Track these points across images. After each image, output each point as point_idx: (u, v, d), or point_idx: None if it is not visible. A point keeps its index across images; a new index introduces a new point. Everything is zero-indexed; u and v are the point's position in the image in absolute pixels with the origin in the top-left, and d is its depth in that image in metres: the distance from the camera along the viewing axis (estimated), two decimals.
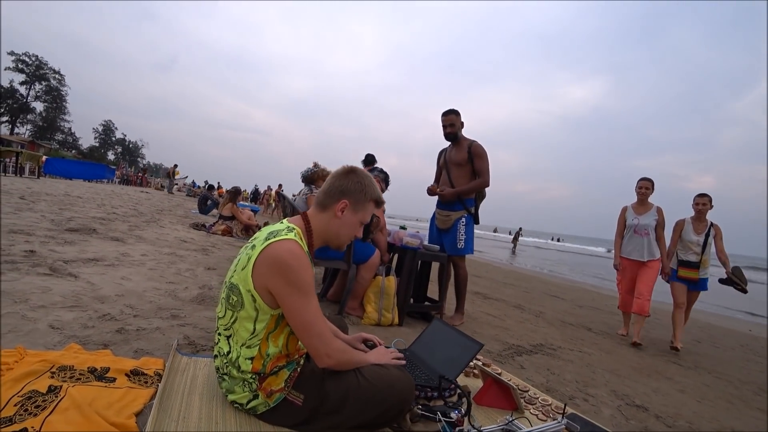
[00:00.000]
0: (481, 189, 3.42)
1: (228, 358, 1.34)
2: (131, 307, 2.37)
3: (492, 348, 2.87)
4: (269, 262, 1.26)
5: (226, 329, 1.35)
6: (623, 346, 3.77)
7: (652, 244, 4.00)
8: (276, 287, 1.26)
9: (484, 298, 5.05)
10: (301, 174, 3.73)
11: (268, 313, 1.29)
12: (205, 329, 2.21)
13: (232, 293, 1.32)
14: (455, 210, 3.40)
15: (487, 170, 3.36)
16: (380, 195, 1.51)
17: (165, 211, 10.14)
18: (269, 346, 1.32)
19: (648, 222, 4.03)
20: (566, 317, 4.80)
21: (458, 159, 3.39)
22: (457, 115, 3.42)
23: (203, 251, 4.89)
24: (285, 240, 1.29)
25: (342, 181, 1.44)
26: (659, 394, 2.55)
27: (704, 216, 4.01)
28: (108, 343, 1.84)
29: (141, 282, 2.96)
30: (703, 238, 3.97)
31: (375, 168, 3.34)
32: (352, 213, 1.43)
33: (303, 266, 1.27)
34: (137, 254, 3.95)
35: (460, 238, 3.34)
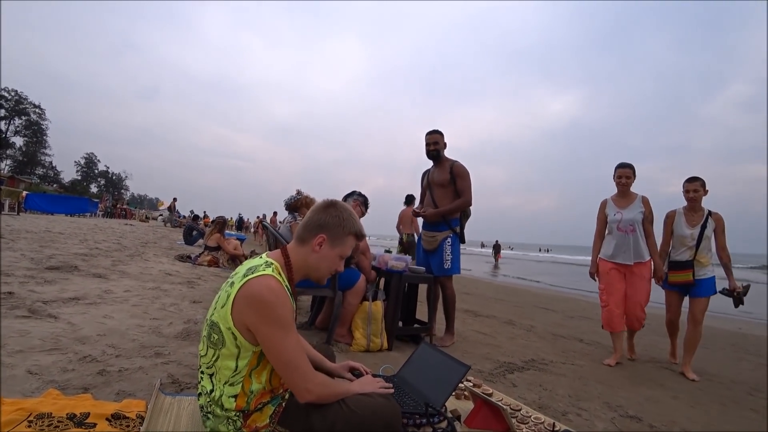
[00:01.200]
0: (463, 208, 3.45)
1: (211, 397, 1.32)
2: (113, 347, 2.32)
3: (483, 367, 2.86)
4: (247, 300, 1.26)
5: (209, 367, 1.33)
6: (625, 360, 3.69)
7: (640, 242, 3.35)
8: (254, 324, 1.25)
9: (474, 316, 5.04)
10: (285, 202, 3.74)
11: (249, 350, 1.28)
12: (189, 366, 2.17)
13: (213, 331, 1.31)
14: (440, 230, 3.42)
15: (470, 189, 3.40)
16: (361, 228, 1.50)
17: (150, 243, 9.99)
18: (252, 383, 1.31)
19: (633, 216, 3.36)
20: (557, 329, 4.81)
21: (441, 179, 3.43)
22: (441, 135, 3.48)
23: (189, 284, 4.81)
24: (262, 276, 1.29)
25: (320, 215, 1.44)
26: (652, 402, 2.56)
27: (698, 204, 3.29)
28: (89, 387, 1.79)
29: (124, 320, 2.90)
30: (699, 230, 3.26)
31: (354, 192, 3.35)
32: (330, 247, 1.43)
33: (281, 302, 1.27)
34: (120, 290, 3.88)
35: (446, 258, 3.35)
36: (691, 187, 3.31)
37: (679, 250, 3.33)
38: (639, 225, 3.35)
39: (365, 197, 3.28)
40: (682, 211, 3.38)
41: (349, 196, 3.28)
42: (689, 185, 3.31)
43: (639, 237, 3.35)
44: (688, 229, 3.31)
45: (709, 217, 3.28)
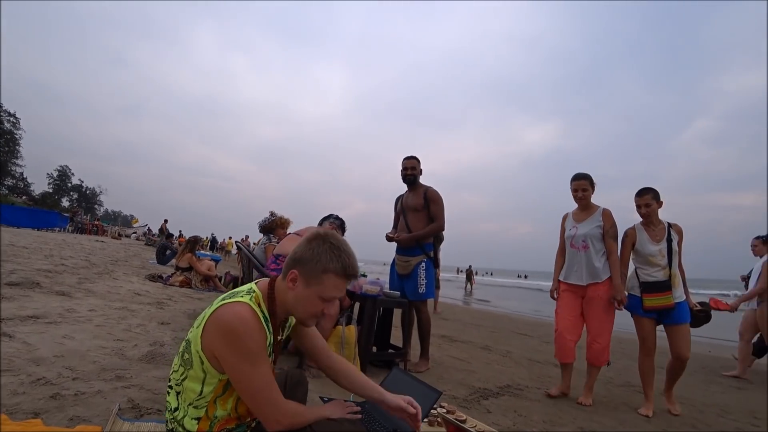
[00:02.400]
0: (437, 233, 3.49)
1: (174, 415, 1.27)
2: (71, 369, 2.19)
3: (458, 393, 2.82)
4: (216, 326, 1.21)
5: (177, 384, 1.28)
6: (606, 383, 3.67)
7: (594, 260, 2.95)
8: (221, 353, 1.20)
9: (450, 341, 5.01)
10: (259, 224, 3.71)
11: (216, 377, 1.23)
12: (152, 390, 2.06)
13: (186, 350, 1.27)
14: (414, 255, 3.43)
15: (443, 214, 3.44)
16: (348, 266, 1.27)
17: (120, 261, 9.64)
18: (217, 409, 1.25)
19: (587, 231, 3.00)
20: (533, 355, 4.82)
21: (414, 204, 3.46)
22: (418, 161, 3.55)
23: (158, 305, 4.64)
24: (236, 303, 1.24)
25: (299, 247, 1.31)
26: (626, 426, 2.56)
27: (654, 218, 2.93)
28: (40, 411, 1.68)
29: (85, 340, 2.76)
30: (666, 245, 2.86)
31: (330, 215, 3.34)
32: (304, 286, 1.27)
33: (250, 332, 1.20)
34: (84, 309, 3.70)
35: (420, 282, 3.35)
36: (641, 201, 2.91)
37: (650, 270, 2.89)
38: (594, 241, 2.97)
39: (342, 220, 3.27)
40: (641, 227, 2.98)
41: (326, 219, 3.27)
42: (640, 199, 2.92)
43: (593, 254, 2.96)
44: (653, 245, 2.91)
45: (670, 229, 2.93)
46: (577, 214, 3.15)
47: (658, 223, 2.95)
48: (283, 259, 2.79)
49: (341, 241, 1.32)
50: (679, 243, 2.93)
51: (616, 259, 2.95)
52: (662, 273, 2.86)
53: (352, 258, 1.30)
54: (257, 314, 1.24)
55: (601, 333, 2.94)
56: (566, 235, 3.15)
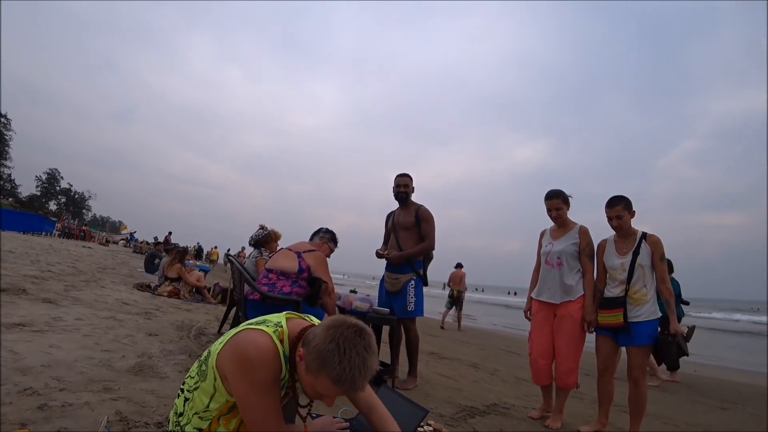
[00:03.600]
0: (427, 251, 3.51)
1: (178, 420, 1.30)
2: (58, 380, 2.18)
3: (444, 411, 2.84)
4: (232, 350, 1.24)
5: (189, 391, 1.31)
6: (575, 399, 3.72)
7: (567, 277, 2.85)
8: (231, 377, 1.22)
9: (438, 359, 5.02)
10: (252, 238, 3.73)
11: (224, 396, 1.25)
12: (140, 403, 2.05)
13: (205, 361, 1.30)
14: (404, 273, 3.44)
15: (433, 234, 3.47)
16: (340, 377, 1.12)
17: (108, 269, 9.54)
18: (220, 426, 1.28)
19: (562, 248, 2.90)
20: (521, 373, 4.84)
21: (406, 222, 3.49)
22: (411, 178, 3.59)
23: (146, 315, 4.60)
24: (257, 331, 1.25)
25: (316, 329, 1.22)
26: None
27: (626, 230, 2.73)
28: (26, 422, 1.67)
29: (72, 350, 2.74)
30: (630, 258, 2.68)
31: (320, 229, 3.31)
32: (305, 369, 1.19)
33: (264, 364, 1.20)
34: (71, 318, 3.67)
35: (410, 300, 3.36)
36: (612, 212, 2.72)
37: (610, 285, 2.77)
38: (568, 258, 2.88)
39: (332, 233, 3.25)
40: (612, 239, 2.82)
41: (316, 234, 3.26)
42: (611, 210, 2.72)
43: (566, 272, 2.86)
44: (617, 258, 2.74)
45: (643, 240, 2.69)
46: (554, 231, 3.05)
47: (629, 235, 2.74)
48: (274, 275, 2.81)
49: (354, 344, 1.14)
50: (656, 257, 2.66)
51: (591, 279, 2.84)
52: (619, 288, 2.69)
53: (356, 369, 1.13)
54: (276, 348, 1.24)
55: (569, 354, 2.81)
56: (542, 251, 3.05)
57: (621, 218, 2.70)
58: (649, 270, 2.67)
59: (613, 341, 2.74)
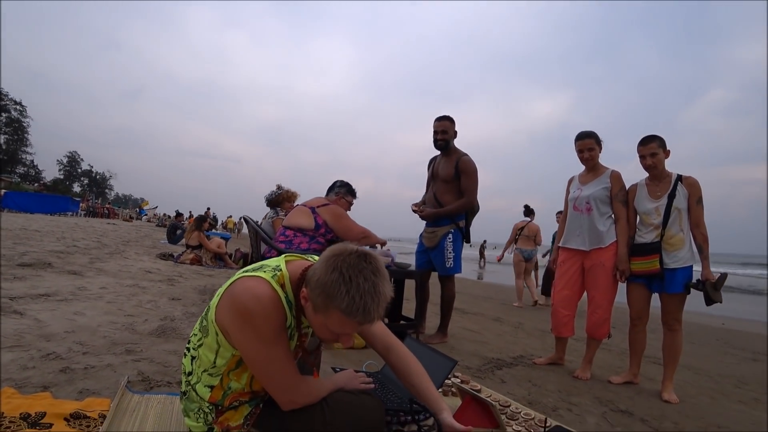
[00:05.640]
0: (465, 210, 3.22)
1: (188, 379, 1.23)
2: (81, 344, 2.18)
3: (471, 363, 2.78)
4: (229, 302, 1.14)
5: (194, 349, 1.24)
6: (602, 350, 3.61)
7: (598, 223, 2.70)
8: (233, 331, 1.13)
9: (462, 313, 4.98)
10: (265, 197, 3.63)
11: (229, 351, 1.17)
12: (162, 363, 2.04)
13: (206, 316, 1.22)
14: (441, 225, 3.20)
15: (475, 189, 3.16)
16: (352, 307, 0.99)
17: (132, 242, 9.74)
18: (231, 381, 1.20)
19: (592, 192, 2.74)
20: (545, 326, 4.75)
21: (445, 174, 3.19)
22: (451, 122, 3.21)
23: (169, 281, 4.65)
24: (254, 279, 1.14)
25: (318, 263, 1.09)
26: (642, 396, 2.49)
27: (660, 171, 2.57)
28: (49, 385, 1.66)
29: (96, 317, 2.75)
30: (665, 202, 2.53)
31: (334, 184, 3.09)
32: (313, 309, 1.09)
33: (265, 313, 1.09)
34: (95, 288, 3.71)
35: (448, 256, 3.14)
36: (646, 150, 2.55)
37: (642, 231, 2.63)
38: (598, 203, 2.72)
39: (348, 185, 3.04)
40: (644, 183, 2.67)
41: (331, 189, 3.05)
42: (644, 148, 2.56)
43: (597, 217, 2.71)
44: (650, 203, 2.58)
45: (678, 182, 2.53)
46: (583, 176, 2.88)
47: (663, 177, 2.57)
48: (291, 232, 2.71)
49: (360, 270, 1.01)
50: (692, 199, 2.50)
51: (625, 226, 2.66)
52: (653, 233, 2.55)
53: (367, 296, 1.00)
54: (277, 294, 1.13)
55: (602, 304, 2.70)
56: (570, 197, 2.89)
57: (655, 156, 2.52)
58: (686, 214, 2.51)
59: (647, 289, 2.61)
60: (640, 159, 2.59)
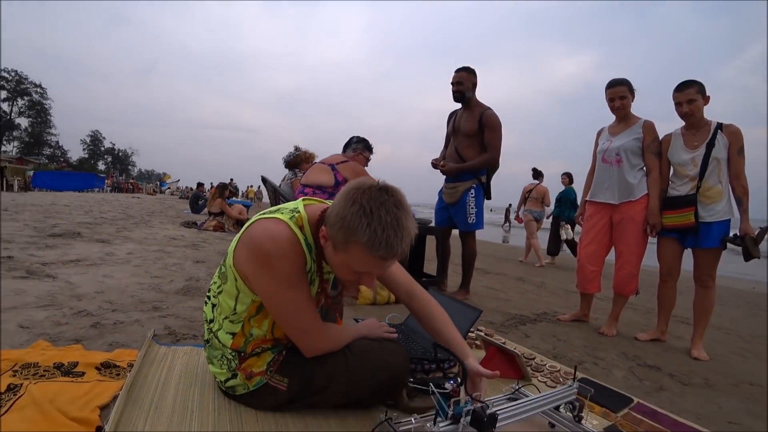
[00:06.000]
0: (488, 166, 3.11)
1: (210, 326, 1.23)
2: (110, 303, 2.25)
3: (494, 319, 2.76)
4: (247, 245, 1.10)
5: (214, 296, 1.22)
6: (627, 308, 3.46)
7: (628, 175, 2.57)
8: (252, 275, 1.10)
9: (484, 273, 4.94)
10: (283, 159, 3.59)
11: (249, 296, 1.14)
12: (188, 319, 2.08)
13: (224, 262, 1.19)
14: (463, 180, 3.09)
15: (498, 145, 3.02)
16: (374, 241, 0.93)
17: (156, 213, 9.97)
18: (252, 328, 1.19)
19: (622, 143, 2.59)
20: (569, 286, 4.70)
21: (467, 128, 3.05)
22: (469, 72, 3.04)
23: (193, 246, 4.75)
24: (272, 220, 1.09)
25: (336, 199, 1.02)
26: (670, 353, 2.43)
27: (698, 119, 2.38)
28: (81, 339, 1.71)
29: (123, 278, 2.83)
30: (703, 151, 2.35)
31: (351, 140, 3.00)
32: (333, 249, 1.03)
33: (284, 255, 1.05)
34: (123, 253, 3.81)
35: (470, 212, 3.05)
36: (683, 96, 2.35)
37: (676, 183, 2.47)
38: (629, 155, 2.57)
39: (365, 141, 2.95)
40: (679, 132, 2.49)
41: (348, 145, 2.99)
42: (680, 95, 2.35)
43: (627, 169, 2.58)
44: (686, 153, 2.41)
45: (718, 131, 2.34)
46: (613, 127, 2.72)
47: (701, 126, 2.39)
48: (310, 190, 2.68)
49: (381, 202, 0.95)
50: (733, 149, 2.32)
51: (657, 178, 2.51)
52: (689, 186, 2.39)
53: (389, 229, 0.93)
54: (295, 236, 1.08)
55: (630, 259, 2.59)
56: (598, 149, 2.74)
57: (693, 102, 2.32)
58: (725, 164, 2.34)
59: (679, 244, 2.48)
60: (676, 107, 2.40)
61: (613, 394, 1.65)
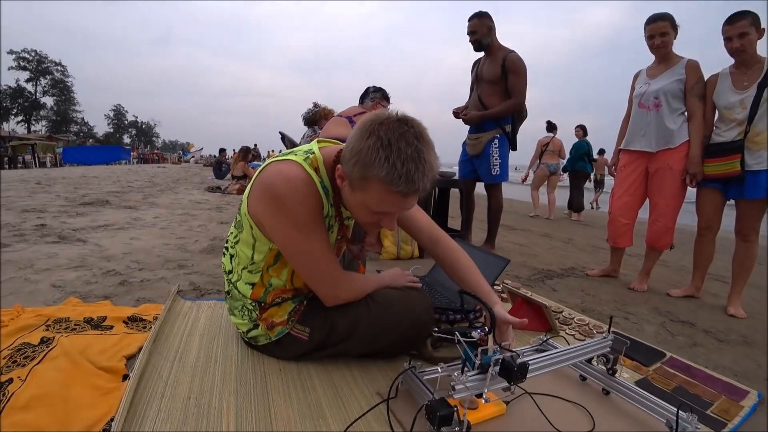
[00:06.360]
0: (513, 112, 2.95)
1: (229, 278, 1.21)
2: (137, 262, 2.30)
3: (520, 273, 2.70)
4: (260, 189, 1.05)
5: (231, 247, 1.20)
6: (659, 265, 3.25)
7: (669, 121, 2.34)
8: (267, 221, 1.05)
9: (509, 229, 4.85)
10: (302, 116, 3.51)
11: (266, 245, 1.10)
12: (212, 275, 2.11)
13: (239, 210, 1.16)
14: (486, 130, 2.95)
15: (523, 89, 2.85)
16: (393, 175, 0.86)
17: (181, 180, 10.16)
18: (272, 278, 1.16)
19: (662, 86, 2.35)
20: (597, 242, 4.56)
21: (490, 74, 2.89)
22: (481, 17, 2.87)
23: (217, 209, 4.85)
24: (285, 162, 1.03)
25: (351, 136, 0.95)
26: (705, 310, 2.30)
27: (750, 56, 2.11)
28: (109, 295, 1.76)
29: (150, 240, 2.89)
30: (753, 92, 2.09)
31: (368, 90, 2.84)
32: (349, 188, 0.97)
33: (299, 198, 1.00)
34: (149, 218, 3.91)
35: (494, 163, 2.93)
36: (733, 30, 2.07)
37: (721, 129, 2.22)
38: (669, 98, 2.33)
39: (382, 90, 2.80)
40: (727, 72, 2.21)
41: (365, 96, 2.83)
42: (731, 28, 2.07)
43: (667, 114, 2.34)
44: (734, 95, 2.15)
45: None
46: (652, 69, 2.46)
47: (753, 63, 2.12)
48: None
49: (401, 134, 0.87)
50: None
51: (700, 124, 2.28)
52: (735, 131, 2.14)
53: (409, 162, 0.86)
54: (310, 177, 1.02)
55: (666, 211, 2.41)
56: (635, 93, 2.50)
57: (745, 36, 2.04)
58: None
59: (721, 194, 2.27)
60: (726, 42, 2.13)
61: (645, 348, 1.59)
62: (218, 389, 1.06)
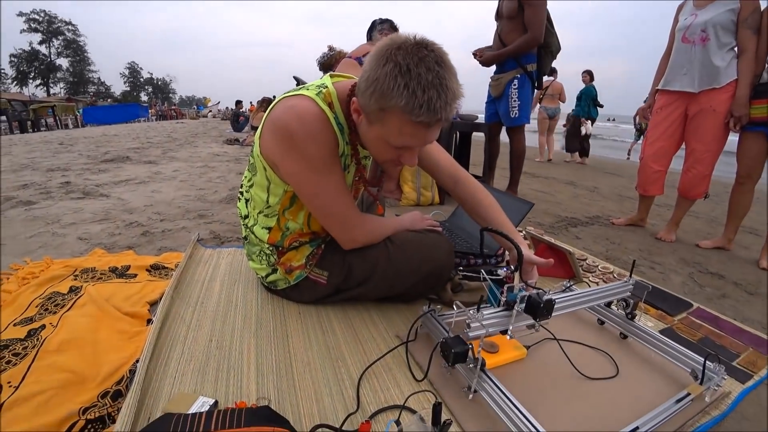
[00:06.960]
0: (529, 48, 2.73)
1: (246, 223, 1.20)
2: (158, 214, 2.33)
3: (543, 221, 2.63)
4: (271, 127, 0.99)
5: (246, 191, 1.17)
6: (690, 216, 3.17)
7: (716, 57, 2.08)
8: (280, 160, 1.00)
9: (532, 177, 4.72)
10: (317, 61, 3.36)
11: (280, 187, 1.06)
12: (232, 224, 2.13)
13: (252, 152, 1.12)
14: (506, 71, 2.78)
15: (541, 22, 2.62)
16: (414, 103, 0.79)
17: (200, 134, 10.15)
18: (288, 221, 1.13)
19: (710, 17, 2.08)
20: (624, 192, 4.39)
21: (509, 9, 2.68)
22: None
23: (236, 161, 4.86)
24: (297, 97, 0.96)
25: (366, 64, 0.86)
26: (735, 262, 2.17)
27: None
28: (132, 246, 1.79)
29: (171, 192, 2.93)
30: None
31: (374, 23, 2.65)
32: (366, 122, 0.91)
33: (312, 135, 0.94)
34: (169, 171, 3.94)
35: (512, 105, 2.78)
36: None
37: None
38: (718, 31, 2.05)
39: (390, 21, 2.59)
40: None
41: (371, 30, 2.64)
42: None
43: (714, 49, 2.08)
44: None
45: None
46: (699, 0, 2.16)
47: None
48: None
49: (420, 58, 0.79)
50: None
51: (752, 61, 2.00)
52: None
53: (430, 88, 0.79)
54: (323, 113, 0.95)
55: (704, 158, 2.20)
56: (678, 27, 2.22)
57: None
58: None
59: (765, 140, 2.06)
60: None
61: (671, 298, 1.54)
62: (239, 332, 1.07)
